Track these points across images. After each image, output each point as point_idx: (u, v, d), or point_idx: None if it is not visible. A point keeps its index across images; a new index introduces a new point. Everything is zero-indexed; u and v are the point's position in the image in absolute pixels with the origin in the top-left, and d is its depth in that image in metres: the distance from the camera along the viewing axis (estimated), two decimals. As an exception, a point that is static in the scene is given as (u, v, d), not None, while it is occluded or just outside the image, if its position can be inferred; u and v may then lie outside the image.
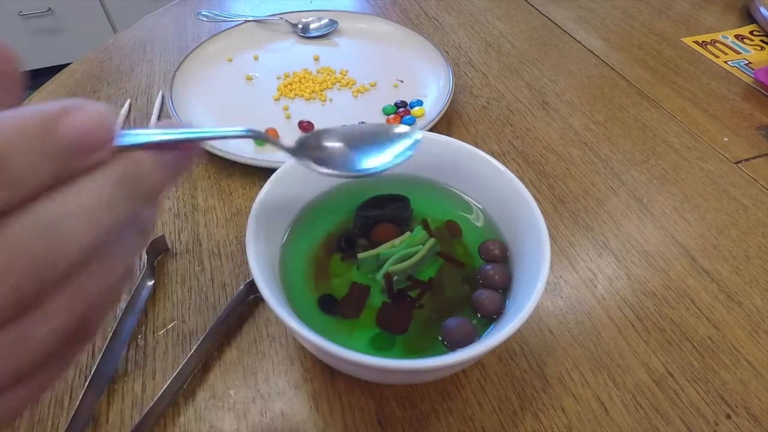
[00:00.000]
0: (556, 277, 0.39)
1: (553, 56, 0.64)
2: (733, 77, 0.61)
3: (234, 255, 0.39)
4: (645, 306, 0.37)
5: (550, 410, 0.32)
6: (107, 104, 0.16)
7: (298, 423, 0.31)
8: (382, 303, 0.31)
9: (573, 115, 0.54)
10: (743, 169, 0.49)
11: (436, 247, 0.34)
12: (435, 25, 0.69)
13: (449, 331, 0.29)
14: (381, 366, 0.24)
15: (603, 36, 0.68)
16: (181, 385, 0.32)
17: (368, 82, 0.56)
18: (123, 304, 0.36)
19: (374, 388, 0.32)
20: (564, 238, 0.42)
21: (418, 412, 0.31)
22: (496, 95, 0.57)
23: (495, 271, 0.32)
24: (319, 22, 0.64)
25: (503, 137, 0.51)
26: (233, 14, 0.68)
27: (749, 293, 0.39)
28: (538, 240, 0.29)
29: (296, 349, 0.34)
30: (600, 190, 0.46)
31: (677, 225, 0.43)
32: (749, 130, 0.53)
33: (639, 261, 0.41)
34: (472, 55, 0.63)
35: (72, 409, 0.30)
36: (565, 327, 0.36)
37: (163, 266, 0.38)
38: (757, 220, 0.44)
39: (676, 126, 0.53)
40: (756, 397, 0.33)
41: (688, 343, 0.35)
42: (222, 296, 0.37)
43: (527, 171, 0.48)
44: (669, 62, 0.63)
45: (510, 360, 0.34)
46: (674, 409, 0.32)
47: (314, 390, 0.32)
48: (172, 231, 0.41)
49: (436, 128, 0.49)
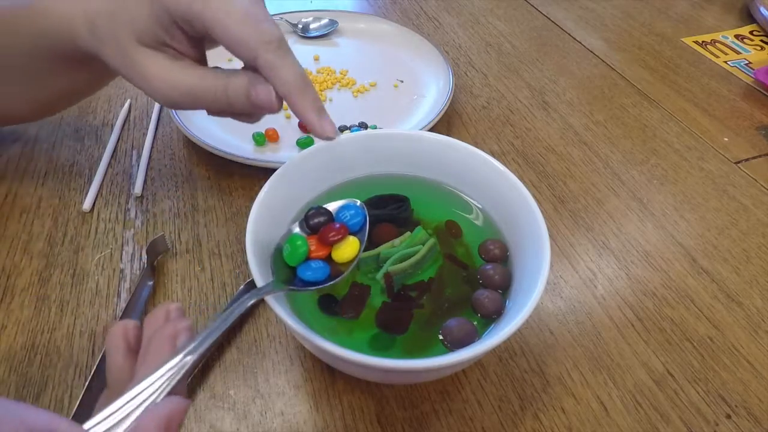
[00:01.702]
0: (556, 277, 0.39)
1: (553, 56, 0.64)
2: (733, 77, 0.61)
3: (234, 255, 0.39)
4: (645, 306, 0.37)
5: (550, 410, 0.32)
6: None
7: (298, 423, 0.31)
8: (382, 303, 0.31)
9: (573, 115, 0.54)
10: (743, 169, 0.49)
11: (436, 246, 0.34)
12: (435, 25, 0.69)
13: (449, 331, 0.29)
14: (381, 366, 0.24)
15: (603, 36, 0.68)
16: (181, 385, 0.32)
17: (368, 82, 0.56)
18: (123, 304, 0.36)
19: (374, 388, 0.32)
20: (564, 238, 0.42)
21: (418, 412, 0.31)
22: (496, 95, 0.57)
23: (495, 271, 0.32)
24: (319, 22, 0.64)
25: (503, 137, 0.51)
26: (233, 14, 0.68)
27: (749, 293, 0.39)
28: (538, 240, 0.29)
29: (296, 349, 0.34)
30: (600, 190, 0.46)
31: (677, 225, 0.43)
32: (749, 130, 0.53)
33: (639, 261, 0.41)
34: (472, 55, 0.63)
35: (72, 409, 0.30)
36: (565, 327, 0.36)
37: (163, 266, 0.38)
38: (757, 220, 0.44)
39: (676, 126, 0.53)
40: (756, 397, 0.33)
41: (688, 343, 0.35)
42: (222, 296, 0.37)
43: (527, 171, 0.48)
44: (669, 62, 0.63)
45: (510, 360, 0.34)
46: (674, 409, 0.32)
47: (314, 390, 0.32)
48: (172, 231, 0.41)
49: (436, 128, 0.49)
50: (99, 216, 0.42)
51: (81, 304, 0.36)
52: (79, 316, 0.35)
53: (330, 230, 0.28)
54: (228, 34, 0.27)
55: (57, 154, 0.47)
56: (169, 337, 0.22)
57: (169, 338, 0.22)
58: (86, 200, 0.42)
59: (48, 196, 0.43)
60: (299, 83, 0.27)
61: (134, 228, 0.41)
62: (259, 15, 0.27)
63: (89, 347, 0.34)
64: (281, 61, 0.27)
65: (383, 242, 0.33)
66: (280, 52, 0.27)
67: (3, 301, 0.36)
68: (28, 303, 0.36)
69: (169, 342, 0.22)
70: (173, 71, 0.30)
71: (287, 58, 0.27)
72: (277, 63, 0.27)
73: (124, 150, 0.48)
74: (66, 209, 0.42)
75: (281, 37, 0.27)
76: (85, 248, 0.39)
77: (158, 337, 0.22)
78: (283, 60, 0.27)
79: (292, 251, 0.27)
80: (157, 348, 0.22)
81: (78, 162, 0.46)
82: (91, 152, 0.47)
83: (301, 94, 0.28)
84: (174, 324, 0.23)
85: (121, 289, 0.37)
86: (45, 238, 0.40)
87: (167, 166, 0.46)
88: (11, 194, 0.43)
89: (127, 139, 0.49)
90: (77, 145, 0.48)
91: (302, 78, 0.28)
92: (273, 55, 0.27)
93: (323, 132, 0.28)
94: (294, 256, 0.27)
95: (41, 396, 0.31)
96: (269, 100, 0.29)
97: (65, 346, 0.34)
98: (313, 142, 0.46)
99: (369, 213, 0.30)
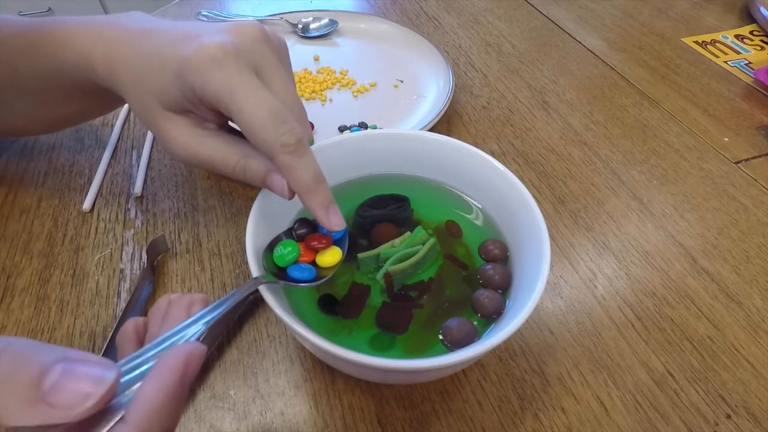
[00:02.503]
0: (556, 277, 0.39)
1: (553, 56, 0.64)
2: (733, 77, 0.61)
3: (234, 255, 0.39)
4: (645, 306, 0.37)
5: (550, 410, 0.32)
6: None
7: (298, 423, 0.31)
8: (382, 303, 0.31)
9: (573, 115, 0.54)
10: (743, 169, 0.49)
11: (436, 246, 0.34)
12: (435, 25, 0.69)
13: (449, 331, 0.29)
14: (381, 366, 0.24)
15: (603, 36, 0.68)
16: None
17: (368, 82, 0.56)
18: (123, 304, 0.36)
19: (374, 388, 0.32)
20: (564, 238, 0.42)
21: (418, 412, 0.31)
22: (496, 95, 0.57)
23: (495, 271, 0.32)
24: (319, 22, 0.64)
25: (503, 137, 0.51)
26: (233, 14, 0.68)
27: (749, 293, 0.39)
28: (538, 240, 0.29)
29: (296, 349, 0.34)
30: (600, 190, 0.46)
31: (677, 225, 0.43)
32: (749, 130, 0.53)
33: (639, 261, 0.41)
34: (472, 55, 0.63)
35: (72, 409, 0.30)
36: (565, 327, 0.36)
37: (163, 266, 0.38)
38: (757, 220, 0.44)
39: (676, 126, 0.53)
40: (756, 397, 0.33)
41: (688, 343, 0.35)
42: (222, 296, 0.37)
43: (527, 171, 0.48)
44: (669, 62, 0.63)
45: (510, 360, 0.34)
46: (674, 409, 0.32)
47: (314, 390, 0.32)
48: (172, 231, 0.41)
49: (436, 128, 0.49)
50: (99, 216, 0.42)
51: (81, 304, 0.36)
52: (79, 316, 0.35)
53: (315, 239, 0.31)
54: (250, 131, 0.28)
55: (57, 154, 0.47)
56: (186, 305, 0.24)
57: (186, 306, 0.24)
58: (86, 200, 0.42)
59: (48, 196, 0.43)
60: (311, 184, 0.28)
61: (134, 228, 0.41)
62: (283, 115, 0.28)
63: (89, 347, 0.34)
64: (296, 163, 0.28)
65: (383, 242, 0.33)
66: (297, 153, 0.28)
67: (3, 301, 0.36)
68: (28, 303, 0.36)
69: (186, 309, 0.24)
70: (195, 140, 0.31)
71: (302, 160, 0.28)
72: (292, 165, 0.28)
73: (124, 150, 0.48)
74: (66, 209, 0.42)
75: (300, 138, 0.28)
76: (85, 248, 0.39)
77: (175, 306, 0.24)
78: (298, 162, 0.28)
79: (283, 254, 0.29)
80: (174, 315, 0.23)
81: (78, 162, 0.46)
82: (91, 152, 0.47)
83: (312, 194, 0.28)
84: (190, 295, 0.25)
85: (121, 289, 0.37)
86: (45, 238, 0.40)
87: (167, 166, 0.46)
88: (11, 194, 0.43)
89: (127, 139, 0.49)
90: (77, 145, 0.48)
91: (315, 178, 0.28)
92: (289, 158, 0.27)
93: (330, 226, 0.29)
94: (285, 259, 0.29)
95: (41, 396, 0.31)
96: (282, 193, 0.30)
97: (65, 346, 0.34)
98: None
99: (369, 213, 0.31)
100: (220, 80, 0.28)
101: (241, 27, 0.30)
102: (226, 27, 0.30)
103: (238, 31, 0.30)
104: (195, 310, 0.24)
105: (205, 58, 0.28)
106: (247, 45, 0.29)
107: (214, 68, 0.28)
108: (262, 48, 0.30)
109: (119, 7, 1.85)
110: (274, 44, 0.32)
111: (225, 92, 0.28)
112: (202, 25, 0.32)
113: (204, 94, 0.28)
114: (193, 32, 0.30)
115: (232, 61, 0.28)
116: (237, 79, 0.28)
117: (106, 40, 0.32)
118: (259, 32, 0.30)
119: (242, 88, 0.28)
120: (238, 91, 0.27)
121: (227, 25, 0.31)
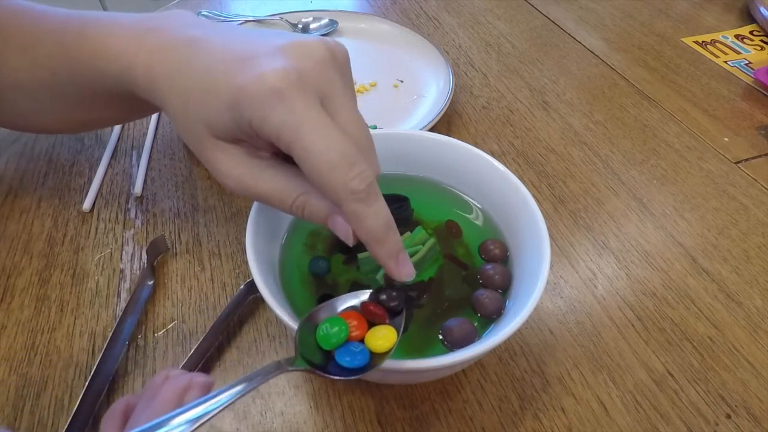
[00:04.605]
0: (556, 277, 0.39)
1: (553, 56, 0.64)
2: (733, 77, 0.61)
3: (234, 255, 0.39)
4: (645, 306, 0.37)
5: (550, 410, 0.32)
6: None
7: (298, 423, 0.31)
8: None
9: (573, 115, 0.54)
10: (743, 169, 0.49)
11: (436, 246, 0.34)
12: (435, 25, 0.69)
13: (449, 331, 0.29)
14: (381, 366, 0.24)
15: (603, 36, 0.68)
16: (181, 385, 0.32)
17: (368, 82, 0.56)
18: (123, 303, 0.36)
19: (374, 388, 0.32)
20: (564, 238, 0.42)
21: (418, 412, 0.31)
22: (496, 95, 0.57)
23: (495, 271, 0.32)
24: (319, 22, 0.64)
25: (503, 137, 0.51)
26: (233, 14, 0.68)
27: (749, 293, 0.39)
28: (538, 240, 0.29)
29: (296, 349, 0.34)
30: (600, 190, 0.46)
31: (677, 225, 0.43)
32: (749, 130, 0.53)
33: (639, 261, 0.41)
34: (472, 55, 0.63)
35: (72, 409, 0.30)
36: (565, 327, 0.36)
37: (163, 266, 0.38)
38: (757, 220, 0.44)
39: (676, 126, 0.53)
40: (756, 397, 0.33)
41: (688, 343, 0.35)
42: (222, 296, 0.37)
43: (527, 171, 0.48)
44: (669, 62, 0.63)
45: (510, 360, 0.34)
46: (674, 409, 0.32)
47: (314, 390, 0.32)
48: (172, 231, 0.41)
49: (436, 128, 0.49)
50: (99, 216, 0.42)
51: (81, 304, 0.36)
52: (79, 316, 0.35)
53: (371, 308, 0.26)
54: (315, 176, 0.24)
55: (57, 154, 0.47)
56: (182, 389, 0.20)
57: (181, 390, 0.20)
58: (86, 200, 0.42)
59: (48, 196, 0.43)
60: (380, 233, 0.25)
61: (134, 228, 0.41)
62: (353, 156, 0.24)
63: (89, 347, 0.34)
64: (366, 211, 0.24)
65: (383, 242, 0.33)
66: (367, 201, 0.24)
67: (3, 301, 0.36)
68: (28, 303, 0.36)
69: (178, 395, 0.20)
70: (249, 172, 0.27)
71: (373, 207, 0.25)
72: (361, 213, 0.24)
73: (124, 150, 0.48)
74: (66, 209, 0.42)
75: (371, 182, 0.24)
76: (85, 248, 0.39)
77: (169, 387, 0.20)
78: (367, 209, 0.24)
79: (329, 334, 0.25)
80: (164, 399, 0.20)
81: (78, 162, 0.46)
82: (91, 152, 0.47)
83: (381, 244, 0.25)
84: (191, 376, 0.21)
85: (121, 289, 0.37)
86: (45, 238, 0.40)
87: (167, 166, 0.46)
88: (11, 194, 0.43)
89: (127, 139, 0.49)
90: (77, 145, 0.48)
91: (385, 226, 0.25)
92: (358, 206, 0.24)
93: (400, 277, 0.26)
94: (331, 341, 0.25)
95: (41, 396, 0.31)
96: (347, 239, 0.27)
97: (65, 346, 0.34)
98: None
99: None
100: (282, 116, 0.24)
101: (305, 47, 0.26)
102: (287, 46, 0.26)
103: (301, 52, 0.26)
104: (189, 397, 0.21)
105: (265, 90, 0.24)
106: (311, 70, 0.25)
107: (274, 102, 0.24)
108: (329, 72, 0.26)
109: (119, 7, 1.85)
110: (340, 63, 0.27)
111: (287, 130, 0.24)
112: (257, 37, 0.28)
113: (262, 130, 0.25)
114: (249, 50, 0.26)
115: (295, 93, 0.24)
116: (301, 116, 0.24)
117: (149, 50, 0.29)
118: (326, 51, 0.26)
119: (308, 125, 0.24)
120: (302, 129, 0.24)
121: (288, 44, 0.26)
